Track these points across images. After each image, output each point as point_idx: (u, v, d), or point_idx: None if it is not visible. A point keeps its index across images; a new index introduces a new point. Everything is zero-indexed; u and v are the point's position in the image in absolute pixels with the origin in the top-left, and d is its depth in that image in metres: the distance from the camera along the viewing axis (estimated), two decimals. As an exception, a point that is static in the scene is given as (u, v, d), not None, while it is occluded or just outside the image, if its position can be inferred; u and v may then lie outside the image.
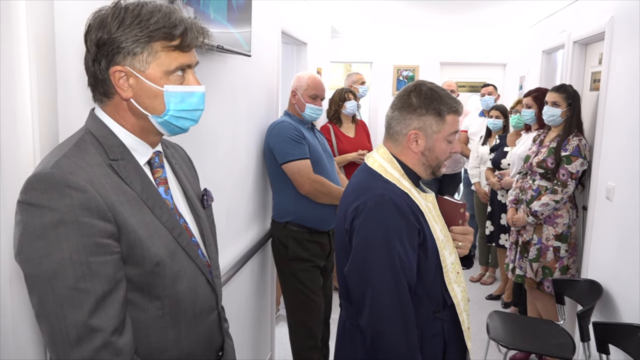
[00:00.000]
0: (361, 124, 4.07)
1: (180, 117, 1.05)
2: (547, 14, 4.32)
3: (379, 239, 1.40)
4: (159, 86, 1.02)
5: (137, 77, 1.00)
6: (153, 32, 0.99)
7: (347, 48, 6.06)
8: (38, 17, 1.06)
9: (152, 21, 0.99)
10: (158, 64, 1.01)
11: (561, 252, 2.99)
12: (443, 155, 1.54)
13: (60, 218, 0.89)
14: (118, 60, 0.99)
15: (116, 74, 1.00)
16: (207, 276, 1.14)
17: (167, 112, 1.03)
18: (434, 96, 1.50)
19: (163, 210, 1.06)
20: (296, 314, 2.73)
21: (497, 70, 6.17)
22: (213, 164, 2.08)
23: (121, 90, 1.01)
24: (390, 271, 1.39)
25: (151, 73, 1.01)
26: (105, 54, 0.99)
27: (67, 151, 0.96)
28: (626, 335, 2.11)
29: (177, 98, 1.04)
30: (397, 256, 1.39)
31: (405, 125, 1.52)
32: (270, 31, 2.86)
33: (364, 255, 1.42)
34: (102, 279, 0.92)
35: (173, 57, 1.02)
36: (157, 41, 1.00)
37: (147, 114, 1.03)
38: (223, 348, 1.24)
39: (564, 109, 3.02)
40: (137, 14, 0.99)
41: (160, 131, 1.07)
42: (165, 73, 1.02)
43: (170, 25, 1.00)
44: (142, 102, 1.02)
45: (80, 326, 0.89)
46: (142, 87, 1.01)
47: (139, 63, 1.00)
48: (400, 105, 1.53)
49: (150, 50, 1.00)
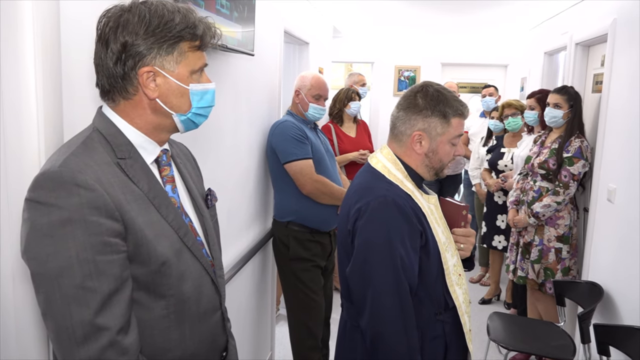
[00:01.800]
0: (362, 124, 4.08)
1: (199, 114, 1.09)
2: (550, 16, 4.31)
3: (381, 240, 1.40)
4: (186, 85, 1.05)
5: (165, 77, 1.02)
6: (180, 33, 1.01)
7: (349, 48, 6.06)
8: (44, 17, 1.06)
9: (176, 21, 1.01)
10: (186, 63, 1.04)
11: (563, 253, 2.99)
12: (446, 157, 1.54)
13: (67, 216, 0.89)
14: (147, 62, 1.00)
15: (144, 74, 1.01)
16: (211, 276, 1.15)
17: (191, 110, 1.07)
18: (440, 98, 1.50)
19: (169, 209, 1.06)
20: (296, 313, 2.73)
21: (499, 71, 6.17)
22: (215, 163, 2.08)
23: (148, 90, 1.02)
24: (392, 272, 1.39)
25: (180, 73, 1.04)
26: (133, 55, 0.99)
27: (75, 149, 0.96)
28: (627, 337, 2.11)
29: (198, 96, 1.07)
30: (398, 257, 1.39)
31: (410, 126, 1.52)
32: (273, 31, 2.86)
33: (365, 256, 1.42)
34: (109, 277, 0.92)
35: (197, 56, 1.06)
36: (184, 42, 1.03)
37: (172, 112, 1.05)
38: (227, 348, 1.24)
39: (566, 111, 3.02)
40: (161, 14, 1.00)
41: (179, 128, 1.10)
42: (191, 72, 1.05)
43: (192, 26, 1.03)
44: (168, 102, 1.04)
45: (86, 325, 0.89)
46: (169, 86, 1.03)
47: (168, 64, 1.02)
48: (406, 105, 1.53)
49: (180, 50, 1.03)
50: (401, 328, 1.39)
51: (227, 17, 1.93)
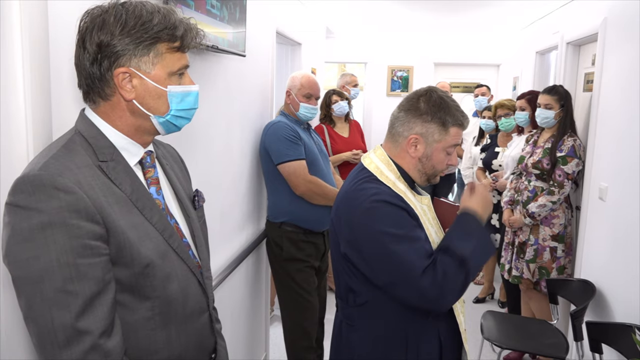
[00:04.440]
0: (354, 124, 4.07)
1: (179, 116, 1.07)
2: (541, 15, 4.34)
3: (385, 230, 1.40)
4: (163, 87, 1.03)
5: (141, 78, 1.01)
6: (157, 34, 1.00)
7: (342, 48, 6.06)
8: (32, 17, 1.05)
9: (155, 22, 0.99)
10: (163, 65, 1.02)
11: (558, 252, 3.00)
12: (440, 165, 1.54)
13: (48, 220, 0.89)
14: (122, 62, 0.99)
15: (120, 75, 0.99)
16: (198, 277, 1.14)
17: (170, 112, 1.05)
18: (442, 105, 1.50)
19: (154, 211, 1.05)
20: (291, 314, 2.73)
21: (491, 71, 6.19)
22: (207, 164, 2.08)
23: (124, 91, 1.01)
24: (407, 245, 1.39)
25: (156, 74, 1.02)
26: (108, 55, 0.98)
27: (56, 152, 0.96)
28: (619, 335, 2.12)
29: (178, 98, 1.06)
30: (406, 237, 1.40)
31: (408, 128, 1.52)
32: (264, 31, 2.85)
33: (380, 249, 1.41)
34: (91, 281, 0.91)
35: (176, 58, 1.04)
36: (161, 42, 1.01)
37: (150, 114, 1.03)
38: (216, 350, 1.23)
39: (557, 111, 3.03)
40: (138, 15, 0.99)
41: (159, 131, 1.08)
42: (169, 74, 1.03)
43: (171, 27, 1.01)
44: (145, 103, 1.03)
45: (68, 328, 0.88)
46: (146, 88, 1.02)
47: (144, 65, 1.00)
48: (408, 107, 1.53)
49: (156, 52, 1.01)
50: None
51: (217, 18, 1.93)
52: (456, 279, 1.38)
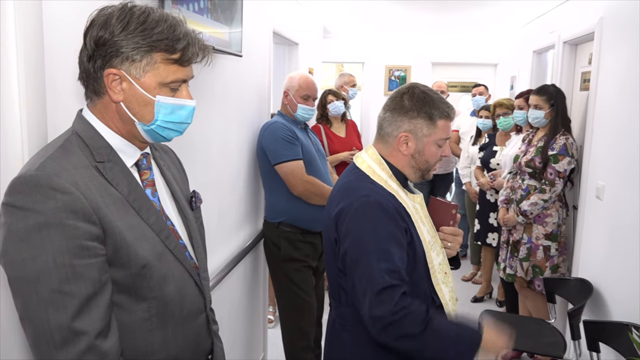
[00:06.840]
0: (351, 124, 4.06)
1: (167, 127, 1.05)
2: (538, 15, 4.34)
3: (369, 238, 1.40)
4: (152, 95, 1.02)
5: (130, 82, 1.00)
6: (155, 43, 0.98)
7: (339, 48, 6.06)
8: (26, 17, 1.05)
9: (157, 31, 0.98)
10: (155, 74, 1.01)
11: (551, 251, 3.01)
12: (433, 159, 1.55)
13: (44, 221, 0.88)
14: (115, 64, 0.99)
15: (110, 76, 0.99)
16: (195, 278, 1.14)
17: (155, 122, 1.03)
18: (426, 99, 1.51)
19: (150, 212, 1.05)
20: (289, 314, 2.73)
21: (488, 70, 6.20)
22: (204, 164, 2.07)
23: (112, 92, 1.00)
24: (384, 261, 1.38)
25: (146, 82, 1.01)
26: (103, 54, 0.98)
27: (53, 153, 0.96)
28: (616, 334, 2.13)
29: (168, 109, 1.04)
30: (388, 252, 1.39)
31: (396, 127, 1.52)
32: (261, 31, 2.85)
33: (356, 257, 1.42)
34: (87, 281, 0.91)
35: (171, 70, 1.02)
36: (158, 52, 0.99)
37: (135, 120, 1.03)
38: (213, 351, 1.23)
39: (547, 110, 3.04)
40: (142, 20, 0.98)
41: (145, 138, 1.06)
42: (160, 84, 1.02)
43: (173, 38, 0.99)
44: (131, 108, 1.02)
45: (64, 329, 0.88)
46: (134, 93, 1.01)
47: (135, 70, 0.99)
48: (393, 106, 1.54)
49: (149, 59, 0.99)
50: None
51: (212, 18, 1.92)
52: (409, 328, 1.34)
